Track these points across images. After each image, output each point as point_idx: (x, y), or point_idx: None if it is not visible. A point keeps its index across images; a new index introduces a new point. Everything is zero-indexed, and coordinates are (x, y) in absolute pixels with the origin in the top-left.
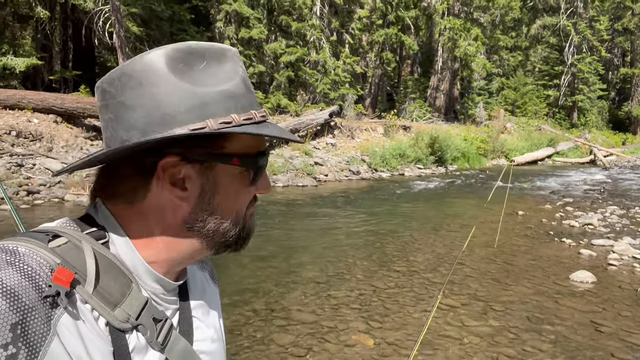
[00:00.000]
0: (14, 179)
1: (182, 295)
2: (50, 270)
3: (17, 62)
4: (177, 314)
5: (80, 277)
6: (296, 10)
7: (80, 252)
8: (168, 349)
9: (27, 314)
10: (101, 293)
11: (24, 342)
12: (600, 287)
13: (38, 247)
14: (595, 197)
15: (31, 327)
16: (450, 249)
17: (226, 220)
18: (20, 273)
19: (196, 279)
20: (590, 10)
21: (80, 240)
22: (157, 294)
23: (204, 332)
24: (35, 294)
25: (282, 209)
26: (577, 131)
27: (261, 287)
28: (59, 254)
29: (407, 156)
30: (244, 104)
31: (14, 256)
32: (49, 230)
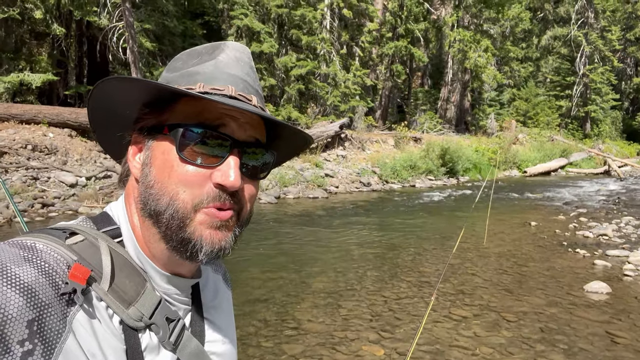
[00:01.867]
0: (29, 191)
1: (194, 296)
2: (67, 267)
3: (33, 78)
4: (189, 315)
5: (96, 275)
6: (306, 24)
7: (96, 250)
8: (180, 349)
9: (44, 310)
10: (116, 291)
11: (40, 338)
12: (615, 297)
13: (55, 243)
14: (610, 207)
15: (47, 324)
16: (462, 260)
17: (161, 197)
18: (38, 269)
19: (209, 281)
20: (602, 21)
21: (96, 238)
22: (169, 294)
23: (215, 334)
24: (52, 291)
25: (293, 220)
26: (591, 142)
27: (272, 297)
28: (76, 251)
29: (418, 168)
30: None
31: (31, 252)
32: (66, 228)
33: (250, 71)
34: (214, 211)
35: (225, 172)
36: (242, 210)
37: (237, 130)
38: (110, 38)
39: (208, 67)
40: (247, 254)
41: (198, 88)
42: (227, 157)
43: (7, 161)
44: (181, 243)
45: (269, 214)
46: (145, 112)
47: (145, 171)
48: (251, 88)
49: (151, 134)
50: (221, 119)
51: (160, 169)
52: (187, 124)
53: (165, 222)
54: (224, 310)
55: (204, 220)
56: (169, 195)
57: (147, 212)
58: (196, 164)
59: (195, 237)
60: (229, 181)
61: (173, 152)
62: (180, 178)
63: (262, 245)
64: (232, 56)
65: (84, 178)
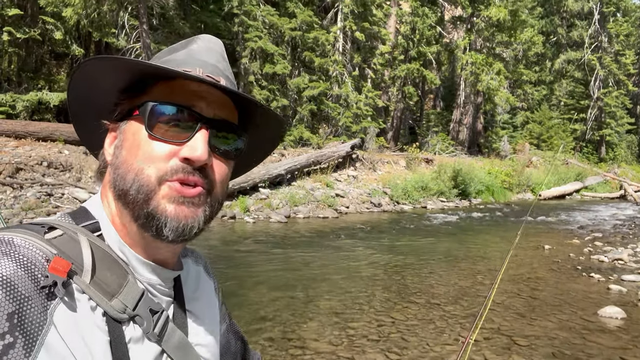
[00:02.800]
0: (43, 207)
1: (176, 288)
2: (47, 261)
3: (51, 97)
4: (172, 307)
5: (77, 268)
6: (319, 46)
7: (76, 243)
8: (164, 340)
9: (24, 303)
10: (98, 283)
11: (21, 331)
12: (631, 323)
13: (34, 238)
14: (626, 232)
15: (28, 317)
16: (473, 283)
17: (127, 175)
18: (16, 263)
19: (190, 273)
20: (616, 45)
21: (75, 232)
22: (153, 284)
23: (198, 325)
24: (31, 284)
25: (303, 239)
26: (606, 165)
27: (278, 316)
28: (55, 245)
29: (430, 189)
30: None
31: (9, 247)
32: (45, 223)
33: (220, 59)
34: (178, 186)
35: (193, 146)
36: (212, 189)
37: (205, 108)
38: None
39: (180, 55)
40: (256, 272)
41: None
42: (195, 132)
43: (23, 177)
44: (147, 218)
45: (278, 233)
46: (121, 99)
47: (116, 154)
48: (220, 72)
49: (124, 119)
50: (191, 100)
51: (129, 149)
52: (154, 101)
53: (131, 198)
54: (206, 302)
55: (168, 193)
56: (134, 171)
57: (117, 194)
58: (164, 140)
59: (159, 211)
60: (196, 154)
61: (142, 131)
62: (147, 155)
63: (270, 264)
64: (204, 46)
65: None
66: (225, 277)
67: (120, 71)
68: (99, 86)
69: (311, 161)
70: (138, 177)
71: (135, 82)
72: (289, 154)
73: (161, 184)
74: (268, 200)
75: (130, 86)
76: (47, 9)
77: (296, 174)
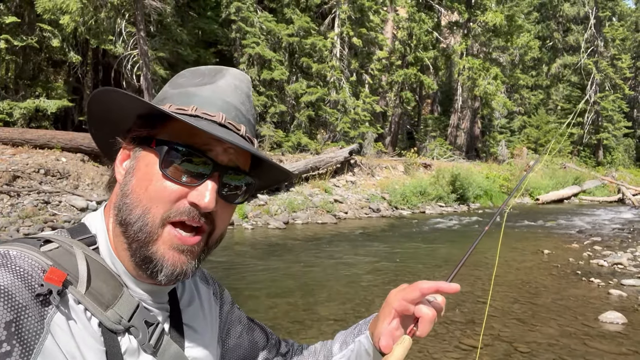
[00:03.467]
0: (39, 215)
1: (172, 301)
2: (42, 271)
3: (49, 104)
4: (167, 321)
5: (72, 278)
6: (317, 52)
7: (71, 256)
8: (160, 352)
9: (21, 312)
10: (93, 294)
11: (18, 339)
12: (632, 328)
13: (30, 250)
14: (625, 236)
15: (25, 325)
16: (472, 289)
17: (135, 209)
18: (13, 273)
19: (186, 285)
20: (612, 49)
21: (71, 245)
22: (145, 300)
23: (195, 338)
24: (28, 293)
25: (301, 245)
26: (604, 169)
27: (277, 323)
28: (51, 257)
29: (428, 194)
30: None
31: (5, 259)
32: (40, 237)
33: (245, 100)
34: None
35: (202, 192)
36: (213, 232)
37: (221, 154)
38: (125, 65)
39: (206, 90)
40: (254, 278)
41: (190, 110)
42: (206, 178)
43: (20, 185)
44: (143, 260)
45: (277, 239)
46: (139, 124)
47: (127, 179)
48: (243, 117)
49: (140, 144)
50: (208, 144)
51: (140, 180)
52: (173, 142)
53: (132, 234)
54: (203, 313)
55: (168, 240)
56: (142, 208)
57: (119, 220)
58: (175, 181)
59: (158, 256)
60: (204, 202)
61: (155, 167)
62: (157, 193)
63: (269, 270)
64: (231, 83)
65: (94, 202)
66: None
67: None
68: (119, 108)
69: (309, 167)
70: (144, 216)
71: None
72: (287, 159)
73: (164, 225)
74: (267, 207)
75: (149, 115)
76: (45, 17)
77: (294, 180)
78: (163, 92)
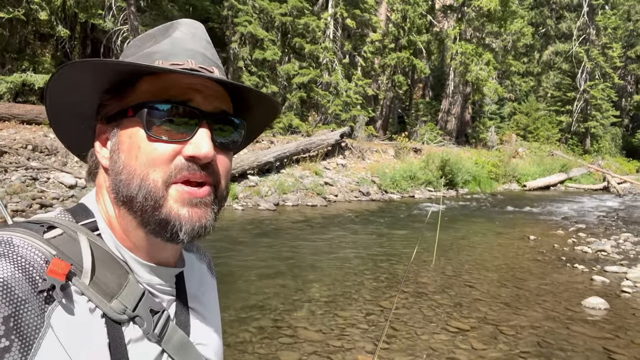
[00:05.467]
0: (27, 192)
1: (179, 286)
2: (45, 262)
3: (36, 79)
4: (173, 305)
5: (76, 269)
6: (310, 33)
7: (76, 243)
8: (165, 340)
9: (20, 306)
10: (98, 284)
11: (17, 334)
12: (613, 314)
13: (33, 238)
14: (609, 223)
15: (24, 320)
16: (460, 272)
17: (132, 181)
18: (14, 265)
19: (194, 270)
20: (603, 38)
21: (75, 231)
22: (153, 285)
23: (200, 324)
24: (28, 287)
25: (292, 227)
26: (590, 157)
27: (268, 304)
28: (55, 245)
29: (418, 178)
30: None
31: (7, 247)
32: (44, 221)
33: (207, 45)
34: (187, 188)
35: (197, 143)
36: (218, 184)
37: (203, 102)
38: (115, 41)
39: (164, 45)
40: (245, 260)
41: (157, 64)
42: (197, 129)
43: (7, 161)
44: (159, 225)
45: (267, 220)
46: (106, 100)
47: (114, 158)
48: (210, 61)
49: (115, 120)
50: (187, 94)
51: (128, 152)
52: (151, 101)
53: (139, 205)
54: (209, 300)
55: (179, 197)
56: (139, 177)
57: (120, 200)
58: (165, 140)
59: (172, 216)
60: (202, 152)
61: (140, 133)
62: (149, 157)
63: (259, 251)
64: (187, 32)
65: (83, 180)
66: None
67: (103, 73)
68: (80, 90)
69: (300, 149)
70: (144, 183)
71: (120, 81)
72: (278, 141)
73: (168, 187)
74: (257, 188)
75: (115, 86)
76: None
77: (285, 162)
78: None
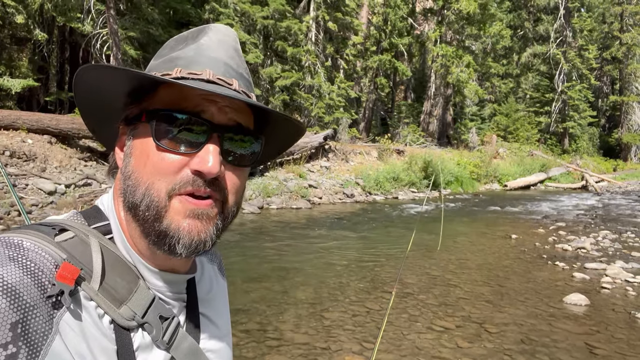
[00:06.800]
0: (5, 198)
1: (190, 290)
2: (55, 266)
3: (13, 84)
4: (184, 311)
5: (85, 274)
6: (292, 36)
7: (86, 247)
8: (174, 347)
9: (28, 312)
10: (107, 290)
11: (25, 341)
12: (594, 309)
13: (44, 241)
14: (588, 221)
15: (32, 326)
16: (444, 271)
17: (138, 189)
18: (23, 269)
19: (205, 273)
20: (579, 40)
21: (87, 234)
22: (162, 291)
23: (211, 329)
24: (37, 292)
25: (276, 230)
26: (569, 157)
27: (254, 307)
28: (65, 249)
29: (401, 180)
30: (204, 65)
31: (17, 251)
32: (56, 224)
33: (234, 54)
34: (190, 199)
35: (203, 157)
36: (225, 200)
37: (216, 114)
38: (94, 45)
39: (189, 51)
40: (229, 263)
41: (175, 73)
42: (205, 142)
43: None
44: (158, 236)
45: (251, 224)
46: (128, 102)
47: (126, 161)
48: (233, 71)
49: (133, 123)
50: (200, 105)
51: (138, 158)
52: (163, 109)
53: (141, 214)
54: (220, 304)
55: (180, 208)
56: (144, 185)
57: (126, 205)
58: (172, 151)
59: (172, 228)
60: (207, 167)
61: (150, 140)
62: (156, 166)
63: (244, 255)
64: (215, 39)
65: (63, 185)
66: None
67: (123, 80)
68: (105, 90)
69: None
70: (148, 192)
71: (141, 85)
72: None
73: (171, 198)
74: None
75: (136, 89)
76: None
77: (269, 165)
78: (148, 67)
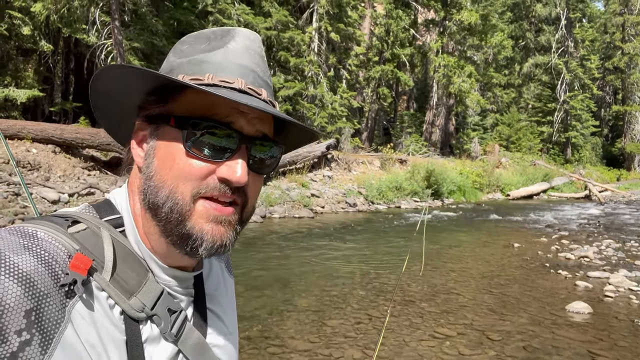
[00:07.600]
0: (10, 207)
1: (197, 286)
2: (68, 257)
3: (18, 94)
4: (191, 306)
5: (97, 264)
6: (294, 46)
7: (98, 239)
8: (181, 340)
9: (42, 300)
10: (118, 281)
11: (38, 328)
12: (597, 318)
13: (57, 231)
14: (591, 230)
15: (46, 314)
16: (446, 280)
17: (161, 191)
18: (37, 258)
19: (212, 270)
20: (581, 50)
21: (99, 227)
22: (170, 286)
23: (217, 325)
24: (51, 281)
25: (279, 239)
26: (572, 167)
27: (256, 314)
28: (78, 240)
29: (404, 189)
30: (235, 74)
31: (31, 241)
32: (69, 216)
33: (260, 61)
34: (214, 205)
35: (232, 167)
36: (246, 205)
37: (245, 125)
38: (98, 56)
39: (217, 55)
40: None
41: (207, 79)
42: (235, 152)
43: None
44: (181, 238)
45: (254, 232)
46: (149, 101)
47: (148, 161)
48: (260, 80)
49: (156, 123)
50: (231, 116)
51: (163, 160)
52: (195, 117)
53: (164, 216)
54: (226, 300)
55: (204, 212)
56: (169, 187)
57: (146, 204)
58: (202, 158)
59: (196, 231)
60: (236, 177)
61: (178, 145)
62: (182, 171)
63: (247, 263)
64: (242, 45)
65: (66, 195)
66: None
67: (149, 82)
68: (123, 88)
69: (286, 161)
70: (173, 195)
71: (165, 86)
72: None
73: (196, 201)
74: None
75: (159, 89)
76: (15, 4)
77: (272, 174)
78: (169, 63)
